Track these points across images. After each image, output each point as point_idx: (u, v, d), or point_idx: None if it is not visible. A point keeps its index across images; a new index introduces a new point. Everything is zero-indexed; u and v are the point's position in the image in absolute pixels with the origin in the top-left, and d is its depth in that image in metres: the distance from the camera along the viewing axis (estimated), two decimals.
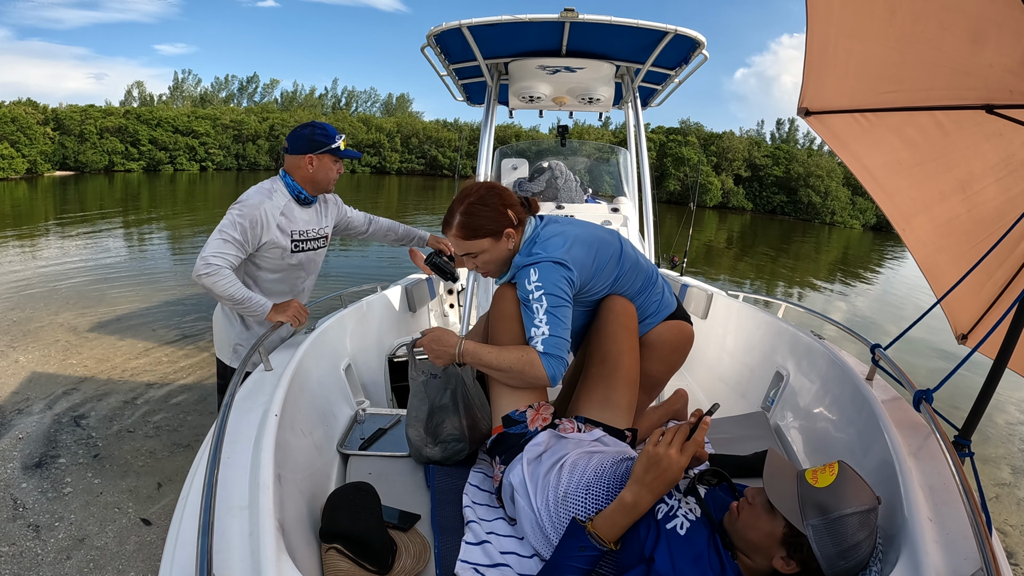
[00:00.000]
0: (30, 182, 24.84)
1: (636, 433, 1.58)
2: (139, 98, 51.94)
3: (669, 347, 1.76)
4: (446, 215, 1.60)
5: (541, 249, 1.54)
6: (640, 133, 3.57)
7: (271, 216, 1.97)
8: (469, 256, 1.61)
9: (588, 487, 1.27)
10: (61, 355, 4.59)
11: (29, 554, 2.34)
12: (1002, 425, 4.78)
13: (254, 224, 1.93)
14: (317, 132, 2.03)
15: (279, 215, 2.00)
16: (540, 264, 1.50)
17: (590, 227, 1.68)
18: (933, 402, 1.45)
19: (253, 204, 1.93)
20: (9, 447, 3.13)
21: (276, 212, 1.99)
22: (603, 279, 1.63)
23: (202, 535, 0.90)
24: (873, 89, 1.85)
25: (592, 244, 1.61)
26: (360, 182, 35.99)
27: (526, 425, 1.48)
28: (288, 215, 2.03)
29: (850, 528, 0.99)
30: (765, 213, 38.83)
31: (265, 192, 1.99)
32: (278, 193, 2.02)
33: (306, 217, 2.12)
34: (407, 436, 1.72)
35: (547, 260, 1.50)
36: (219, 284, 1.84)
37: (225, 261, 1.87)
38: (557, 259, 1.50)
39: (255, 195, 1.97)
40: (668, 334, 1.74)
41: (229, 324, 2.16)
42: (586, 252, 1.58)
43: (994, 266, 2.08)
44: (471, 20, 2.86)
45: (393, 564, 1.25)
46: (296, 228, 2.06)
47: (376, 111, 59.15)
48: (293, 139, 2.04)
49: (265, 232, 1.96)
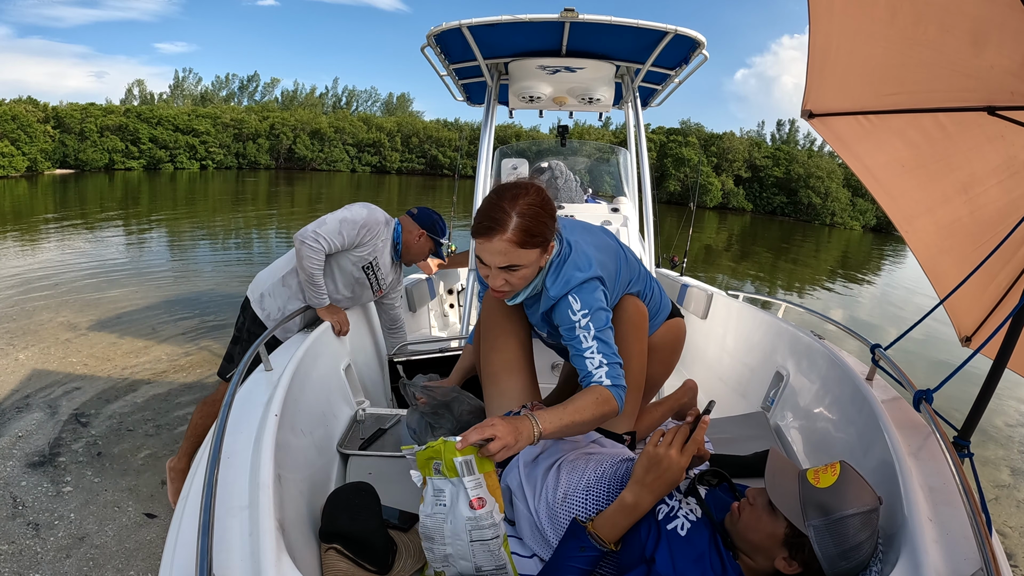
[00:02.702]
0: (30, 180, 24.82)
1: (635, 436, 1.57)
2: (139, 96, 51.86)
3: (668, 349, 1.76)
4: (486, 214, 1.32)
5: (573, 269, 1.40)
6: (640, 133, 3.57)
7: (380, 240, 2.34)
8: (507, 270, 1.35)
9: (588, 488, 1.27)
10: (61, 353, 4.58)
11: (28, 552, 2.34)
12: (1002, 426, 4.78)
13: (361, 232, 2.25)
14: (439, 223, 2.50)
15: (381, 242, 2.36)
16: (577, 289, 1.38)
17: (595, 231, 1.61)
18: (933, 402, 1.45)
19: (378, 220, 2.32)
20: (9, 445, 3.12)
21: (387, 240, 2.39)
22: (621, 282, 1.57)
23: (202, 535, 0.90)
24: (875, 91, 1.85)
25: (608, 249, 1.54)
26: (360, 182, 35.97)
27: None
28: (383, 250, 2.39)
29: (852, 528, 0.99)
30: (765, 214, 38.82)
31: (384, 222, 2.37)
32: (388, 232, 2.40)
33: (387, 262, 2.45)
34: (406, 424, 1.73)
35: (583, 280, 1.38)
36: (311, 259, 2.16)
37: (328, 245, 2.18)
38: (592, 275, 1.39)
39: (380, 216, 2.35)
40: (668, 335, 1.74)
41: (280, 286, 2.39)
42: (607, 256, 1.50)
43: (997, 268, 2.08)
44: (471, 20, 2.86)
45: (393, 564, 1.25)
46: (378, 261, 2.39)
47: (376, 110, 59.09)
48: (423, 212, 2.48)
49: (370, 240, 2.31)
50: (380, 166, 44.85)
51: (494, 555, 1.13)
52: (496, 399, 1.52)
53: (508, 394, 1.51)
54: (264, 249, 10.78)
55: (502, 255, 1.31)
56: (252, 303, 2.42)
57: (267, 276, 2.44)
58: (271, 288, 2.39)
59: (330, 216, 2.22)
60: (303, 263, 2.17)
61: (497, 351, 1.57)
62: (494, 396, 1.53)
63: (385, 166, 44.78)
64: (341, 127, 43.95)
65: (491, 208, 1.32)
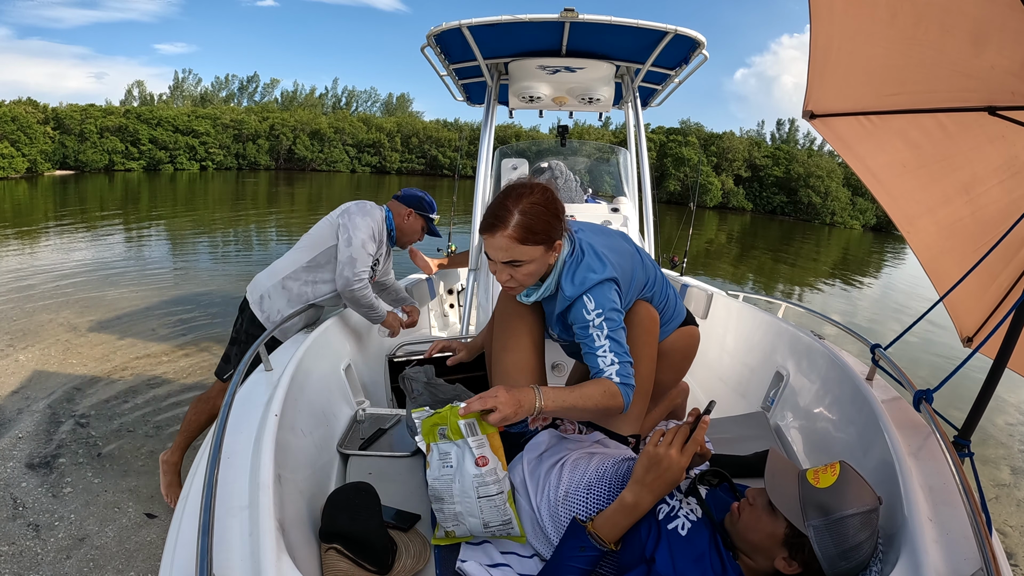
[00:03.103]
0: (30, 181, 24.82)
1: (639, 439, 1.58)
2: (139, 97, 51.84)
3: (680, 355, 1.76)
4: (492, 211, 1.39)
5: (587, 271, 1.44)
6: (640, 133, 3.57)
7: (379, 235, 2.37)
8: (511, 265, 1.41)
9: (589, 487, 1.27)
10: (61, 354, 4.58)
11: (29, 553, 2.34)
12: (1002, 426, 4.78)
13: (378, 231, 2.34)
14: (425, 200, 2.51)
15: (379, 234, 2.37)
16: (592, 289, 1.41)
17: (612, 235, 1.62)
18: (933, 402, 1.45)
19: (378, 220, 2.34)
20: (9, 446, 3.12)
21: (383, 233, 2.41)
22: (636, 285, 1.57)
23: (202, 535, 0.90)
24: (876, 92, 1.85)
25: (624, 253, 1.55)
26: (360, 182, 35.98)
27: (526, 424, 1.48)
28: (378, 239, 2.38)
29: (852, 529, 0.99)
30: (765, 213, 38.82)
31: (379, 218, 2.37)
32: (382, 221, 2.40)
33: (383, 251, 2.48)
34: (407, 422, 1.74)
35: (597, 281, 1.41)
36: (367, 296, 2.24)
37: (368, 272, 2.25)
38: (606, 276, 1.42)
39: (377, 212, 2.37)
40: (681, 342, 1.74)
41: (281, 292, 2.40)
42: (623, 259, 1.52)
43: (998, 268, 2.09)
44: (471, 20, 2.86)
45: (393, 564, 1.25)
46: (375, 254, 2.38)
47: (376, 111, 59.09)
48: (407, 192, 2.51)
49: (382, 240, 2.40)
50: (380, 166, 44.84)
51: (500, 510, 1.20)
52: None
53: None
54: (264, 250, 10.78)
55: (504, 251, 1.39)
56: (251, 304, 2.42)
57: (266, 278, 2.43)
58: (271, 290, 2.40)
59: (349, 248, 2.24)
60: (363, 304, 2.26)
61: (508, 351, 1.59)
62: None
63: (385, 166, 44.77)
64: (341, 127, 43.96)
65: (496, 206, 1.40)
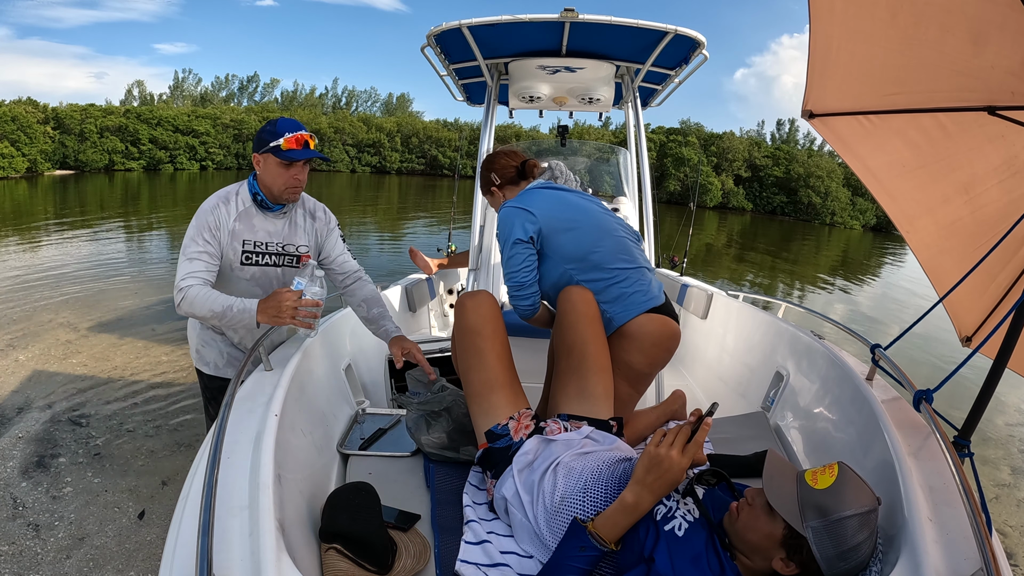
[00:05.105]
0: (30, 181, 24.83)
1: (621, 422, 1.58)
2: (139, 97, 51.92)
3: (650, 340, 1.76)
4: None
5: (515, 202, 1.81)
6: (640, 133, 3.57)
7: (223, 221, 1.75)
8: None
9: (586, 490, 1.27)
10: (61, 354, 4.59)
11: (29, 553, 2.34)
12: (1002, 426, 4.78)
13: (210, 229, 1.72)
14: (265, 128, 1.76)
15: (232, 220, 1.77)
16: (503, 210, 1.81)
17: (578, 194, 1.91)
18: (933, 402, 1.45)
19: (205, 210, 1.74)
20: (9, 446, 3.12)
21: (230, 217, 1.77)
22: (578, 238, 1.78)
23: (202, 535, 0.90)
24: (876, 91, 1.85)
25: (567, 203, 1.83)
26: (360, 182, 35.96)
27: (510, 437, 1.47)
28: (244, 221, 1.79)
29: (850, 530, 0.99)
30: (765, 213, 38.82)
31: (223, 196, 1.79)
32: (240, 197, 1.80)
33: (269, 228, 1.84)
34: (406, 424, 1.75)
35: (509, 206, 1.80)
36: (196, 304, 1.61)
37: (195, 279, 1.65)
38: (517, 205, 1.79)
39: (211, 198, 1.78)
40: (650, 326, 1.75)
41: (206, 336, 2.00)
42: (554, 204, 1.80)
43: (998, 268, 2.08)
44: (471, 20, 2.86)
45: (393, 564, 1.25)
46: (250, 237, 1.81)
47: (376, 111, 59.17)
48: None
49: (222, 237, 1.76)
50: (380, 166, 44.85)
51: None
52: (482, 418, 1.53)
53: (492, 412, 1.52)
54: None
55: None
56: (195, 363, 2.05)
57: (189, 329, 2.06)
58: (199, 338, 2.01)
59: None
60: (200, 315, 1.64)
61: (474, 371, 1.58)
62: (479, 415, 1.54)
63: (385, 166, 44.78)
64: (341, 127, 43.99)
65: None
